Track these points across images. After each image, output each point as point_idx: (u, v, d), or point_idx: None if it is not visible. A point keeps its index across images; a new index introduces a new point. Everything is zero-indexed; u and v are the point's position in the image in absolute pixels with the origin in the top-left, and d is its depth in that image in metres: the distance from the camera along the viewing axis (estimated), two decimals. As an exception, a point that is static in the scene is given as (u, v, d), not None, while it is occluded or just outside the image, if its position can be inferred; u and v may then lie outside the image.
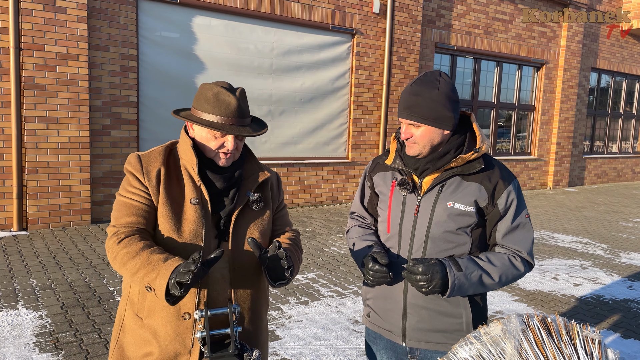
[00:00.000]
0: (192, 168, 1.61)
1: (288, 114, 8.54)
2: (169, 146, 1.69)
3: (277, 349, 3.45)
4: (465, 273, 1.59)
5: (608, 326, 4.12)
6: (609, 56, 13.73)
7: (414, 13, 9.51)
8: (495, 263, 1.66)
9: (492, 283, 1.65)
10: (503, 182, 1.69)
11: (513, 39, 11.42)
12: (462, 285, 1.59)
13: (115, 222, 1.58)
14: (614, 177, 14.76)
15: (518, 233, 1.71)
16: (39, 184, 6.38)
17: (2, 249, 5.52)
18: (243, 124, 1.60)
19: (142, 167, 1.60)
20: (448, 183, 1.69)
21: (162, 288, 1.39)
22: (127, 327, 1.63)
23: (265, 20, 8.06)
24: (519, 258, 1.70)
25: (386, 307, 1.78)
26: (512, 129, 12.19)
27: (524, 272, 1.71)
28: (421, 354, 1.75)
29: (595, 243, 7.08)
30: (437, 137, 1.67)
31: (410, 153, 1.71)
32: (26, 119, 6.23)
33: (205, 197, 1.59)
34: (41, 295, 4.26)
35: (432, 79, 1.65)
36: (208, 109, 1.58)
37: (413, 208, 1.72)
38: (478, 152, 1.67)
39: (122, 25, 6.79)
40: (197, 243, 1.56)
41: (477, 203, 1.67)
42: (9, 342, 3.39)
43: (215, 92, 1.58)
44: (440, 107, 1.63)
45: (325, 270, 5.29)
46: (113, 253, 1.52)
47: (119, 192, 1.63)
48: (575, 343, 1.27)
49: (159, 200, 1.58)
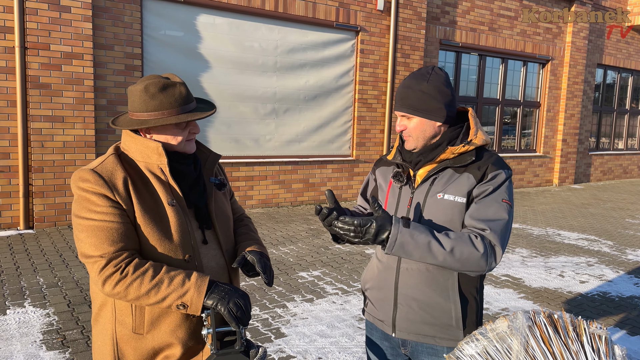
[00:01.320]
0: (159, 169, 1.55)
1: (292, 112, 8.54)
2: (115, 152, 1.58)
3: (282, 346, 3.46)
4: (412, 232, 1.53)
5: (614, 323, 4.10)
6: (614, 52, 13.64)
7: (419, 10, 9.48)
8: (451, 235, 1.56)
9: (443, 253, 1.53)
10: (491, 166, 1.67)
11: (518, 36, 11.36)
12: (405, 243, 1.52)
13: (100, 251, 1.43)
14: (620, 174, 14.69)
15: (484, 211, 1.61)
16: (45, 183, 6.41)
17: (9, 247, 5.56)
18: (194, 107, 1.58)
19: (105, 182, 1.46)
20: (441, 175, 1.70)
21: (199, 302, 1.44)
22: (126, 349, 1.56)
23: (269, 18, 8.06)
24: (480, 237, 1.57)
25: (380, 296, 1.82)
26: (518, 126, 12.14)
27: (481, 254, 1.54)
28: (412, 347, 1.78)
29: (601, 240, 7.05)
30: (430, 129, 1.70)
31: (407, 147, 1.75)
32: (32, 118, 6.26)
33: (179, 194, 1.56)
34: (48, 293, 4.29)
35: (424, 72, 1.70)
36: (161, 106, 1.51)
37: (407, 200, 1.75)
38: (469, 145, 1.67)
39: (126, 24, 6.81)
40: (187, 242, 1.55)
41: (468, 193, 1.67)
42: (16, 339, 3.42)
43: (160, 87, 1.51)
44: (429, 99, 1.67)
45: (330, 267, 5.29)
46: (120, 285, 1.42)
47: (81, 214, 1.46)
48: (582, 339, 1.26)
49: (136, 211, 1.49)
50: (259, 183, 8.24)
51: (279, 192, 8.47)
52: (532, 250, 6.33)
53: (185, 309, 1.45)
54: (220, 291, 1.47)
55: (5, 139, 6.22)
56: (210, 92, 7.67)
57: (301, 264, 5.41)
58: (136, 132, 1.59)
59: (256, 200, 8.26)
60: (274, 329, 3.73)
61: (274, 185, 8.40)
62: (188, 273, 1.48)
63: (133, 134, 1.57)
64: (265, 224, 7.18)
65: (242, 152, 8.11)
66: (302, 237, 6.52)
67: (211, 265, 1.62)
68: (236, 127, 7.99)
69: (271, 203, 8.42)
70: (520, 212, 9.01)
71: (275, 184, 8.41)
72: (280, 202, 8.51)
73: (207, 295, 1.46)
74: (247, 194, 8.14)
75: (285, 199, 8.55)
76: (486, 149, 1.76)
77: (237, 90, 7.91)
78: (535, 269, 5.54)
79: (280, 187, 8.47)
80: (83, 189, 1.46)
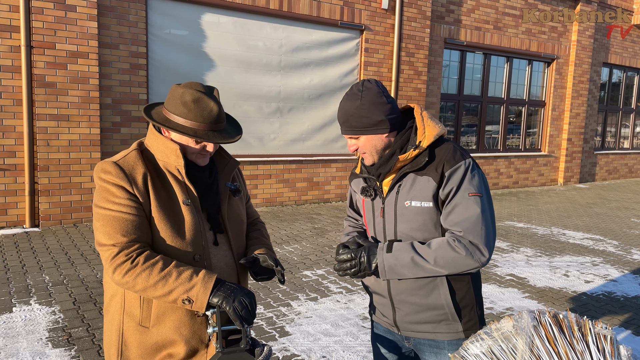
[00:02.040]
0: (176, 170, 1.59)
1: (296, 111, 8.54)
2: (138, 148, 1.63)
3: (286, 345, 3.47)
4: (395, 254, 1.63)
5: (619, 323, 4.09)
6: (620, 51, 13.57)
7: (423, 9, 9.46)
8: (432, 246, 1.63)
9: (428, 265, 1.61)
10: (446, 164, 1.66)
11: (523, 34, 11.32)
12: (392, 266, 1.63)
13: (113, 240, 1.48)
14: (625, 173, 14.62)
15: (456, 213, 1.63)
16: (50, 181, 6.45)
17: (15, 246, 5.59)
18: (221, 128, 1.59)
19: (126, 175, 1.51)
20: (404, 182, 1.71)
21: (204, 299, 1.46)
22: (130, 340, 1.59)
23: (274, 17, 8.06)
24: (457, 240, 1.61)
25: (379, 300, 1.87)
26: (522, 125, 12.10)
27: (464, 255, 1.58)
28: (415, 341, 1.84)
29: (606, 240, 7.02)
30: (380, 142, 1.71)
31: (366, 163, 1.78)
32: (37, 117, 6.28)
33: (194, 195, 1.60)
34: (54, 290, 4.31)
35: (355, 91, 1.69)
36: (188, 115, 1.53)
37: (379, 211, 1.79)
38: (419, 148, 1.67)
39: (131, 23, 6.83)
40: (198, 241, 1.58)
41: (433, 196, 1.67)
42: (22, 337, 3.44)
43: (195, 98, 1.53)
44: (368, 115, 1.66)
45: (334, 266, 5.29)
46: (129, 274, 1.46)
47: (100, 204, 1.51)
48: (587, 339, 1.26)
49: (152, 206, 1.54)
50: (263, 182, 8.25)
51: (283, 191, 8.48)
52: (536, 250, 6.32)
53: (190, 304, 1.47)
54: (226, 289, 1.49)
55: (11, 137, 6.25)
56: (215, 91, 7.67)
57: (305, 263, 5.41)
58: (159, 131, 1.64)
59: (260, 199, 8.27)
60: (279, 328, 3.74)
61: (278, 184, 8.41)
62: (196, 269, 1.51)
63: (156, 133, 1.62)
64: (269, 223, 7.19)
65: (246, 150, 8.12)
66: (306, 236, 6.53)
67: (220, 265, 1.65)
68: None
69: (275, 202, 8.43)
70: (525, 211, 8.99)
71: (279, 183, 8.42)
72: (284, 201, 8.52)
73: (213, 293, 1.47)
74: (251, 192, 8.15)
75: (290, 197, 8.56)
76: (443, 139, 1.74)
77: (242, 89, 7.92)
78: (540, 268, 5.53)
79: (284, 186, 8.47)
80: (104, 180, 1.52)
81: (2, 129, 6.19)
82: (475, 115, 11.32)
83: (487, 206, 1.65)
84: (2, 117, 6.18)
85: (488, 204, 1.66)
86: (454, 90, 10.77)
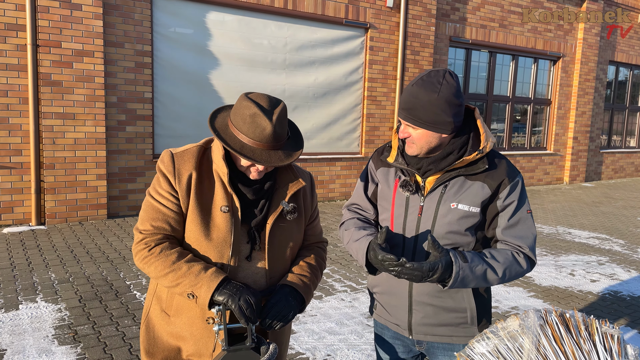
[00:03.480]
0: (223, 176, 1.57)
1: (301, 109, 8.54)
2: (203, 145, 1.64)
3: (291, 343, 3.47)
4: (471, 265, 1.56)
5: (626, 323, 4.07)
6: (627, 49, 13.49)
7: (428, 6, 9.43)
8: (499, 259, 1.62)
9: (496, 279, 1.61)
10: (507, 178, 1.66)
11: (529, 32, 11.27)
12: (465, 277, 1.55)
13: (142, 227, 1.56)
14: (631, 172, 14.53)
15: (519, 228, 1.67)
16: (56, 179, 6.47)
17: (21, 243, 5.62)
18: (275, 148, 1.52)
19: (174, 169, 1.56)
20: (451, 183, 1.66)
21: (207, 297, 1.47)
22: (152, 322, 1.67)
23: (279, 15, 8.06)
24: (522, 254, 1.66)
25: (392, 302, 1.79)
26: (528, 123, 12.05)
27: (526, 270, 1.66)
28: (428, 344, 1.78)
29: (612, 239, 6.98)
30: (435, 140, 1.64)
31: (409, 152, 1.69)
32: (43, 115, 6.31)
33: (236, 205, 1.56)
34: (59, 288, 4.33)
35: (434, 81, 1.58)
36: (243, 129, 1.50)
37: (416, 208, 1.70)
38: (482, 153, 1.63)
39: (137, 22, 6.84)
40: (225, 251, 1.55)
41: (482, 203, 1.65)
42: (28, 334, 3.46)
43: (252, 113, 1.49)
44: (439, 112, 1.58)
45: (338, 265, 5.29)
46: (145, 261, 1.53)
47: (150, 191, 1.60)
48: (594, 339, 1.26)
49: (189, 206, 1.56)
50: (267, 180, 8.24)
51: (288, 190, 8.48)
52: (542, 249, 6.29)
53: (194, 299, 1.49)
54: (232, 287, 1.48)
55: (17, 135, 6.28)
56: (219, 90, 7.69)
57: (310, 261, 5.41)
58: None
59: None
60: (283, 326, 3.74)
61: (282, 182, 8.40)
62: (207, 267, 1.51)
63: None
64: (274, 221, 7.19)
65: (251, 149, 8.12)
66: (310, 235, 6.53)
67: (247, 282, 1.60)
68: (245, 124, 8.00)
69: (280, 200, 8.43)
70: (530, 210, 8.95)
71: (284, 181, 8.41)
72: (289, 200, 8.51)
73: (219, 291, 1.47)
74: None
75: (294, 196, 8.56)
76: (494, 150, 1.72)
77: (246, 87, 7.92)
78: (546, 267, 5.50)
79: (289, 184, 8.46)
80: (159, 168, 1.59)
81: (8, 127, 6.22)
82: (480, 114, 11.27)
83: None
84: (8, 115, 6.21)
85: None
86: (459, 88, 10.73)
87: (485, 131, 1.67)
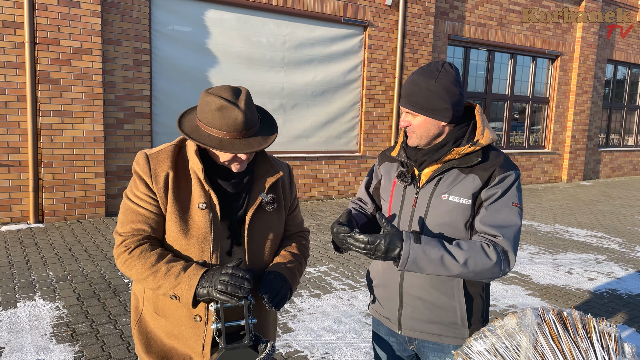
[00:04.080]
0: (199, 172, 1.55)
1: (300, 108, 8.53)
2: (178, 144, 1.62)
3: (289, 341, 3.47)
4: (424, 247, 1.51)
5: (623, 321, 4.08)
6: (625, 47, 13.50)
7: (427, 5, 9.43)
8: (463, 247, 1.54)
9: (457, 266, 1.52)
10: (498, 169, 1.63)
11: (528, 31, 11.27)
12: (417, 259, 1.50)
13: (122, 230, 1.55)
14: (629, 171, 14.56)
15: (498, 216, 1.59)
16: (54, 177, 6.46)
17: (19, 241, 5.61)
18: (251, 134, 1.52)
19: (150, 170, 1.55)
20: (446, 175, 1.67)
21: (189, 297, 1.46)
22: (146, 321, 1.66)
23: (277, 13, 8.05)
24: (492, 246, 1.55)
25: (385, 295, 1.81)
26: (526, 122, 12.06)
27: (496, 262, 1.53)
28: (418, 344, 1.78)
29: (610, 237, 7.00)
30: (434, 129, 1.66)
31: (410, 143, 1.72)
32: (41, 113, 6.30)
33: (214, 201, 1.55)
34: (57, 286, 4.33)
35: (433, 69, 1.63)
36: (214, 124, 1.48)
37: (411, 200, 1.72)
38: (475, 145, 1.63)
39: (135, 19, 6.83)
40: (205, 248, 1.55)
41: (473, 194, 1.63)
42: (26, 332, 3.45)
43: (219, 106, 1.47)
44: (436, 98, 1.61)
45: (337, 263, 5.30)
46: (126, 264, 1.52)
47: (127, 193, 1.58)
48: (591, 337, 1.26)
49: (168, 206, 1.55)
50: (266, 178, 8.25)
51: (286, 188, 8.48)
52: (540, 247, 6.30)
53: (178, 299, 1.49)
54: (207, 277, 1.46)
55: (15, 133, 6.27)
56: (218, 88, 7.68)
57: (308, 260, 5.42)
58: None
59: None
60: (281, 324, 3.74)
61: (281, 180, 8.40)
62: (186, 266, 1.49)
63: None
64: (272, 219, 7.19)
65: (250, 147, 8.12)
66: (309, 233, 6.53)
67: None
68: (244, 122, 7.99)
69: (278, 198, 8.43)
70: (529, 208, 8.96)
71: (282, 180, 8.41)
72: (287, 198, 8.51)
73: (199, 286, 1.46)
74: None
75: (293, 194, 8.56)
76: (493, 147, 1.72)
77: (245, 85, 7.91)
78: (543, 265, 5.52)
79: (287, 182, 8.47)
80: (134, 169, 1.58)
81: (6, 125, 6.21)
82: (479, 112, 11.28)
83: (522, 222, 1.64)
84: (6, 113, 6.20)
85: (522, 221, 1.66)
86: (457, 87, 10.73)
87: (483, 125, 1.68)
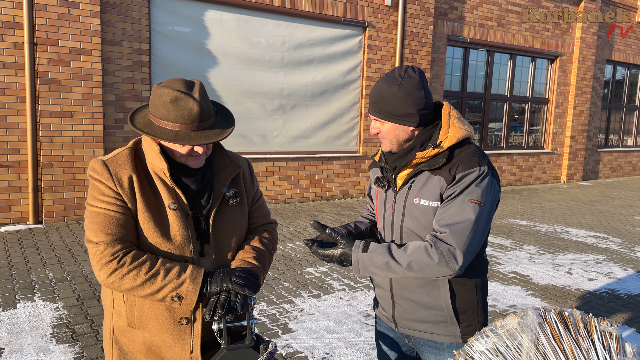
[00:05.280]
0: (162, 173, 1.51)
1: (299, 108, 8.53)
2: (132, 147, 1.57)
3: (289, 342, 3.47)
4: (370, 255, 1.60)
5: (623, 321, 4.08)
6: (624, 48, 13.52)
7: (426, 5, 9.43)
8: (408, 250, 1.58)
9: (400, 269, 1.58)
10: (460, 167, 1.61)
11: (527, 31, 11.28)
12: (366, 266, 1.61)
13: (97, 238, 1.45)
14: (629, 171, 14.58)
15: (448, 213, 1.58)
16: (53, 178, 6.46)
17: (19, 242, 5.60)
18: (207, 125, 1.48)
19: (110, 175, 1.48)
20: (418, 179, 1.68)
21: (194, 295, 1.45)
22: (121, 338, 1.59)
23: (277, 14, 8.05)
24: (435, 245, 1.55)
25: (381, 294, 1.86)
26: (526, 122, 12.07)
27: (437, 262, 1.53)
28: (414, 340, 1.82)
29: (609, 237, 7.00)
30: (403, 134, 1.68)
31: (383, 149, 1.75)
32: (41, 114, 6.29)
33: (182, 200, 1.53)
34: (57, 287, 4.32)
35: (396, 75, 1.64)
36: (168, 117, 1.44)
37: (391, 204, 1.76)
38: (439, 148, 1.63)
39: (134, 20, 6.83)
40: (187, 248, 1.52)
41: (441, 196, 1.63)
42: (26, 333, 3.45)
43: (173, 98, 1.43)
44: (401, 104, 1.63)
45: (337, 263, 5.29)
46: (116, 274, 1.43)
47: (90, 202, 1.49)
48: (592, 337, 1.26)
49: (138, 208, 1.49)
50: (265, 179, 8.25)
51: (286, 188, 8.49)
52: (539, 248, 6.31)
53: (180, 300, 1.44)
54: (217, 275, 1.48)
55: (14, 134, 6.26)
56: (218, 88, 7.68)
57: (308, 260, 5.42)
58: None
59: (263, 196, 8.27)
60: (282, 325, 3.74)
61: (280, 181, 8.41)
62: (184, 266, 1.48)
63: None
64: (272, 220, 7.20)
65: (249, 148, 8.12)
66: (308, 233, 6.53)
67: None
68: (243, 123, 8.00)
69: (278, 199, 8.44)
70: (528, 209, 8.97)
71: (282, 180, 8.42)
72: (287, 198, 8.52)
73: (208, 284, 1.46)
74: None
75: (292, 195, 8.57)
76: (469, 141, 1.70)
77: (244, 86, 7.92)
78: (543, 266, 5.52)
79: (287, 183, 8.48)
80: (92, 177, 1.51)
81: (5, 125, 6.20)
82: (478, 113, 11.30)
83: (484, 217, 1.58)
84: (6, 114, 6.19)
85: (486, 216, 1.59)
86: (457, 87, 10.75)
87: (449, 124, 1.66)
